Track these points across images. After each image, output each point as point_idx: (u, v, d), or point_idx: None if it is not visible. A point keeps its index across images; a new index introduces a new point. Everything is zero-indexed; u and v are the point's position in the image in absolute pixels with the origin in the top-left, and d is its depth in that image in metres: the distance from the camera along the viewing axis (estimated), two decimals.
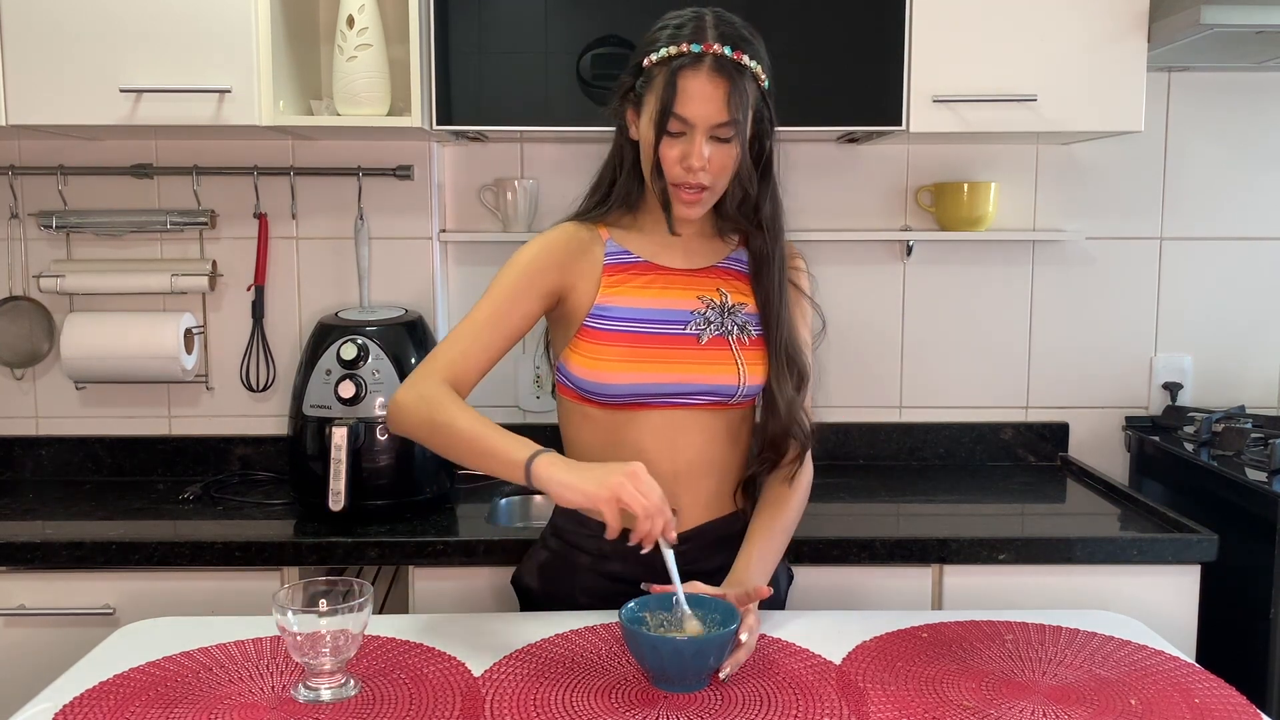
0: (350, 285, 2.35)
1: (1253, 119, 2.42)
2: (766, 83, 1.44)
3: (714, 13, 1.43)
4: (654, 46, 1.42)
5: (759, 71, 1.42)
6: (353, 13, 2.03)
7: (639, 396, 1.49)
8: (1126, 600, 1.84)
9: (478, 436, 1.39)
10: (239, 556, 1.87)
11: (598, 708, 1.22)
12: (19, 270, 2.34)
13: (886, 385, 2.47)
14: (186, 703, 1.23)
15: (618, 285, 1.50)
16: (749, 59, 1.40)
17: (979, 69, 2.05)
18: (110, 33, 1.96)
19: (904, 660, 1.35)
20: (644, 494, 1.28)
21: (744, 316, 1.53)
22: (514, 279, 1.50)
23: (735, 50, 1.39)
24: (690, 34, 1.40)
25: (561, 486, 1.31)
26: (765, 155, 1.48)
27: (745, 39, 1.41)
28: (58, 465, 2.37)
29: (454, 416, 1.41)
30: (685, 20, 1.42)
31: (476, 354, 1.48)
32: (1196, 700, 1.25)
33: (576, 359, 1.49)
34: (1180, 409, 2.41)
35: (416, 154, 2.32)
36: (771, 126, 1.47)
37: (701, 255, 1.56)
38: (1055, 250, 2.44)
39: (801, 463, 1.56)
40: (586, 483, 1.31)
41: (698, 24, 1.41)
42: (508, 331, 1.49)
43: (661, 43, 1.41)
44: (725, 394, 1.51)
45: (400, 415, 1.46)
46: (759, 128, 1.45)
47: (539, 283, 1.50)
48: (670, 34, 1.41)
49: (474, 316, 1.49)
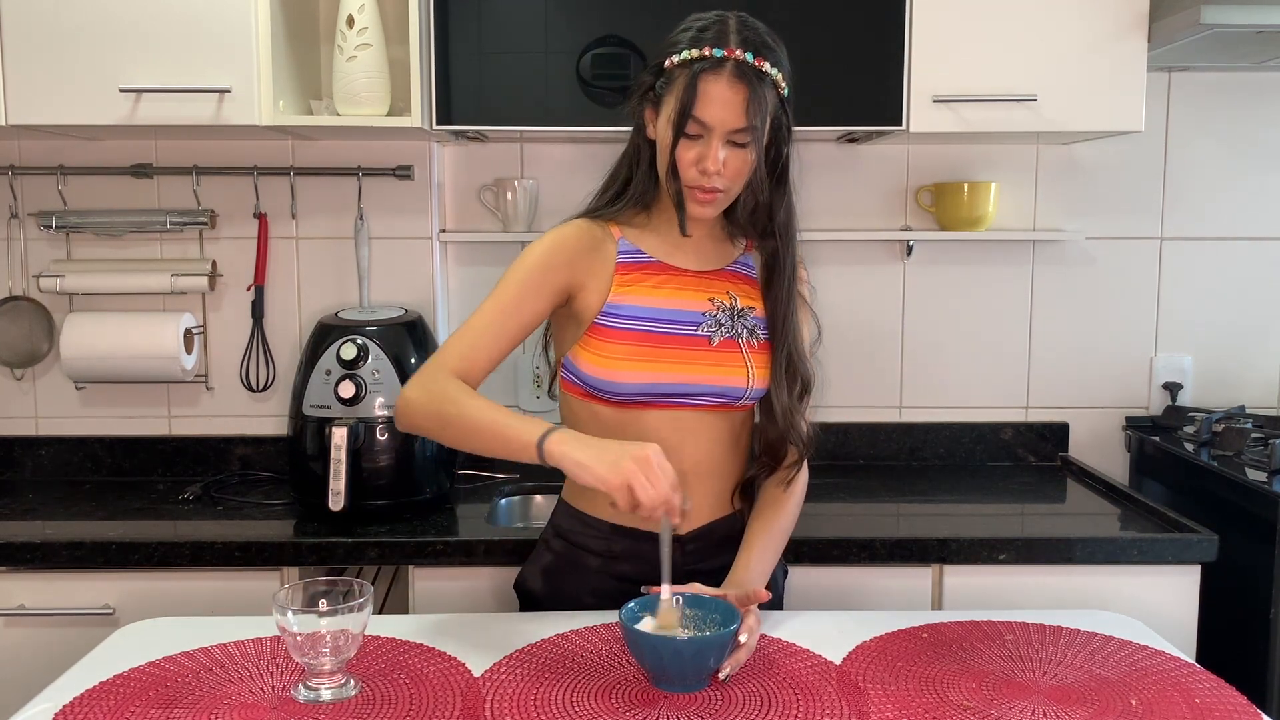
0: (350, 285, 2.35)
1: (1253, 119, 2.42)
2: (786, 90, 1.43)
3: (738, 17, 1.42)
4: (676, 48, 1.41)
5: (779, 79, 1.41)
6: (353, 13, 2.03)
7: (648, 395, 1.48)
8: (1126, 600, 1.84)
9: (489, 422, 1.38)
10: (239, 556, 1.87)
11: (598, 708, 1.22)
12: (19, 270, 2.34)
13: (886, 385, 2.47)
14: (186, 703, 1.23)
15: (631, 284, 1.50)
16: (770, 66, 1.39)
17: (979, 69, 2.05)
18: (110, 33, 1.96)
19: (904, 660, 1.35)
20: (654, 484, 1.27)
21: (752, 320, 1.53)
22: (525, 275, 1.49)
23: (757, 57, 1.38)
24: (713, 38, 1.39)
25: (576, 465, 1.31)
26: (782, 162, 1.47)
27: (768, 46, 1.41)
28: (58, 465, 2.37)
29: (463, 406, 1.40)
30: (709, 23, 1.41)
31: (484, 349, 1.47)
32: (1196, 700, 1.25)
33: (586, 356, 1.49)
34: (1180, 409, 2.41)
35: (416, 154, 2.32)
36: (789, 134, 1.46)
37: (713, 257, 1.56)
38: (1055, 250, 2.44)
39: (799, 468, 1.56)
40: (599, 464, 1.29)
41: (721, 28, 1.40)
42: (516, 327, 1.49)
43: (684, 44, 1.41)
44: (733, 396, 1.51)
45: (408, 411, 1.45)
46: (776, 134, 1.44)
47: (550, 279, 1.49)
48: (693, 36, 1.41)
49: (483, 311, 1.48)
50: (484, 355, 1.47)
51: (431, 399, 1.42)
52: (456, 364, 1.45)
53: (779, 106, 1.42)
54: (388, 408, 2.01)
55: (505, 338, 1.48)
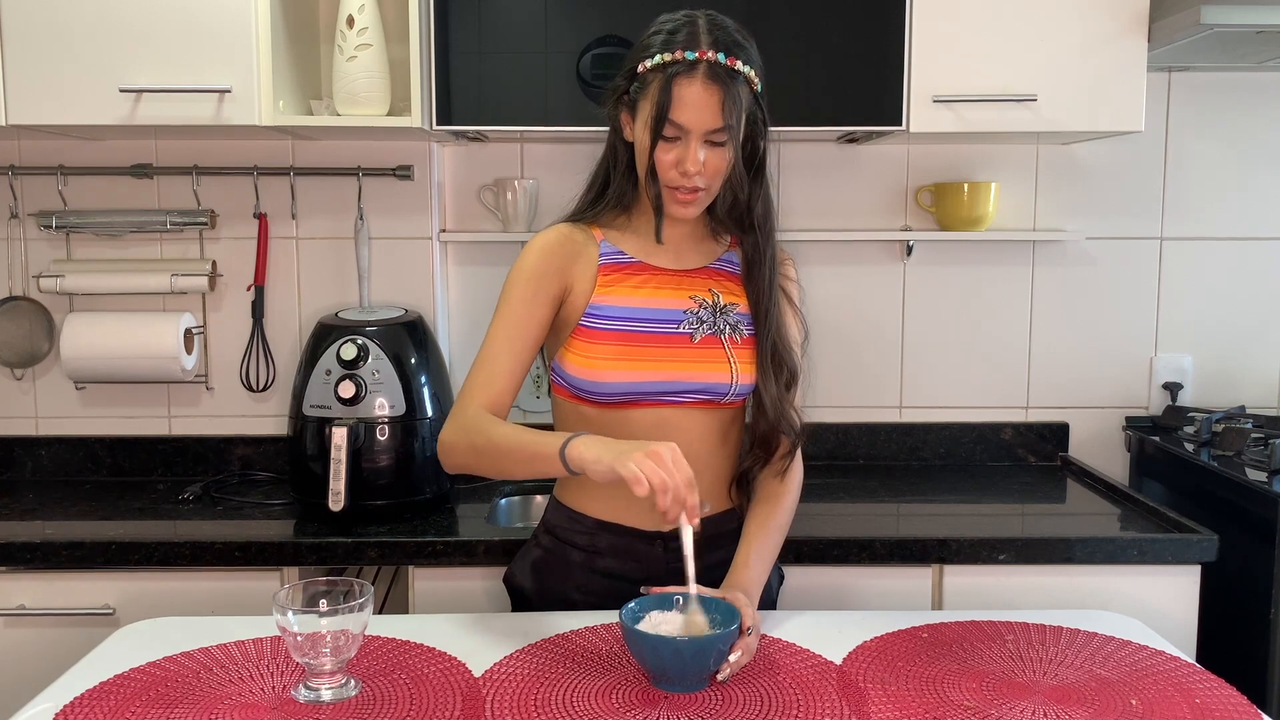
0: (350, 285, 2.35)
1: (1253, 119, 2.42)
2: (759, 86, 1.45)
3: (707, 17, 1.44)
4: (648, 52, 1.43)
5: (752, 75, 1.43)
6: (353, 13, 2.03)
7: (632, 395, 1.49)
8: (1126, 600, 1.84)
9: (517, 445, 1.40)
10: (239, 556, 1.87)
11: (598, 708, 1.22)
12: (19, 270, 2.34)
13: (886, 385, 2.47)
14: (186, 703, 1.23)
15: (612, 285, 1.51)
16: (742, 64, 1.41)
17: (979, 69, 2.05)
18: (110, 33, 1.96)
19: (904, 660, 1.36)
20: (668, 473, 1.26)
21: (736, 316, 1.54)
22: (521, 289, 1.51)
23: (729, 56, 1.40)
24: (685, 40, 1.41)
25: (594, 462, 1.31)
26: (759, 156, 1.50)
27: (739, 44, 1.43)
28: (58, 465, 2.37)
29: (490, 436, 1.42)
30: (679, 25, 1.43)
31: (505, 374, 1.49)
32: (1197, 700, 1.25)
33: (571, 358, 1.50)
34: (1180, 409, 2.41)
35: (416, 154, 2.32)
36: (765, 127, 1.48)
37: (694, 256, 1.57)
38: (1055, 250, 2.44)
39: (792, 458, 1.57)
40: (615, 458, 1.29)
41: (691, 30, 1.42)
42: (528, 342, 1.51)
43: (655, 48, 1.42)
44: (718, 393, 1.51)
45: (448, 454, 1.48)
46: (752, 129, 1.47)
47: (546, 287, 1.51)
48: (664, 39, 1.42)
49: (493, 337, 1.50)
50: (505, 380, 1.49)
51: (462, 434, 1.46)
52: (482, 395, 1.48)
53: (753, 101, 1.44)
54: (388, 407, 2.01)
55: (522, 357, 1.50)
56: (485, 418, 1.45)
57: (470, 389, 1.49)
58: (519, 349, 1.50)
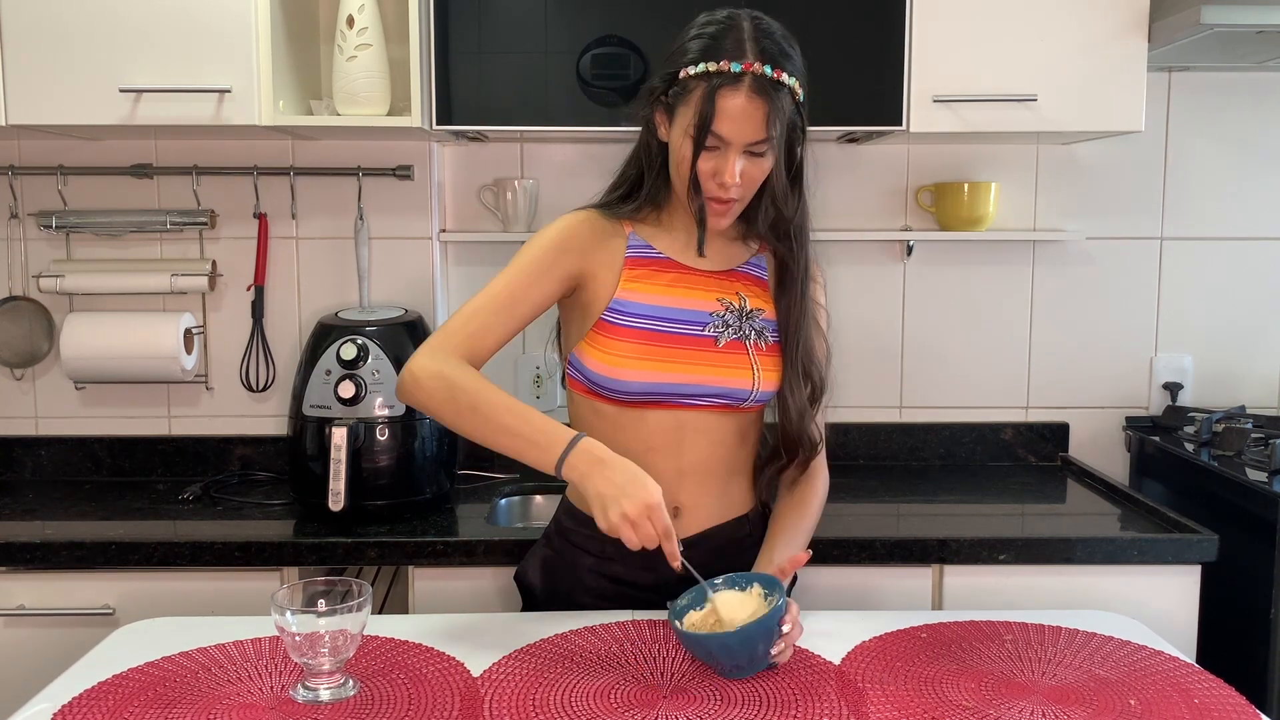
0: (350, 285, 2.35)
1: (1253, 119, 2.42)
2: (802, 95, 1.41)
3: (752, 21, 1.39)
4: (688, 57, 1.39)
5: (796, 87, 1.39)
6: (353, 13, 2.03)
7: (652, 395, 1.48)
8: (1126, 600, 1.84)
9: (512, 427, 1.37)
10: (239, 556, 1.87)
11: (597, 708, 1.22)
12: (19, 270, 2.34)
13: (886, 385, 2.47)
14: (186, 703, 1.23)
15: (639, 280, 1.49)
16: (787, 75, 1.37)
17: (979, 69, 2.05)
18: (110, 33, 1.96)
19: (904, 660, 1.35)
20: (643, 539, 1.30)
21: (761, 322, 1.53)
22: (535, 258, 1.48)
23: (775, 69, 1.36)
24: (730, 49, 1.36)
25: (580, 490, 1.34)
26: (796, 163, 1.46)
27: (785, 54, 1.38)
28: (58, 465, 2.37)
29: (477, 399, 1.38)
30: (722, 30, 1.38)
31: (493, 331, 1.46)
32: (1196, 700, 1.25)
33: (592, 352, 1.48)
34: (1180, 409, 2.41)
35: (416, 154, 2.32)
36: (804, 134, 1.44)
37: (724, 257, 1.55)
38: (1055, 250, 2.44)
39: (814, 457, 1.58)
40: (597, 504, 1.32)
41: (736, 37, 1.37)
42: (524, 310, 1.47)
43: (697, 55, 1.38)
44: (738, 398, 1.50)
45: (416, 390, 1.42)
46: (791, 135, 1.42)
47: (561, 263, 1.48)
48: (707, 45, 1.38)
49: (492, 291, 1.47)
50: (492, 338, 1.46)
51: (442, 382, 1.40)
52: (466, 345, 1.44)
53: (795, 110, 1.41)
54: (388, 407, 2.00)
55: (514, 320, 1.47)
56: (472, 374, 1.40)
57: (453, 333, 1.44)
58: (515, 314, 1.47)
